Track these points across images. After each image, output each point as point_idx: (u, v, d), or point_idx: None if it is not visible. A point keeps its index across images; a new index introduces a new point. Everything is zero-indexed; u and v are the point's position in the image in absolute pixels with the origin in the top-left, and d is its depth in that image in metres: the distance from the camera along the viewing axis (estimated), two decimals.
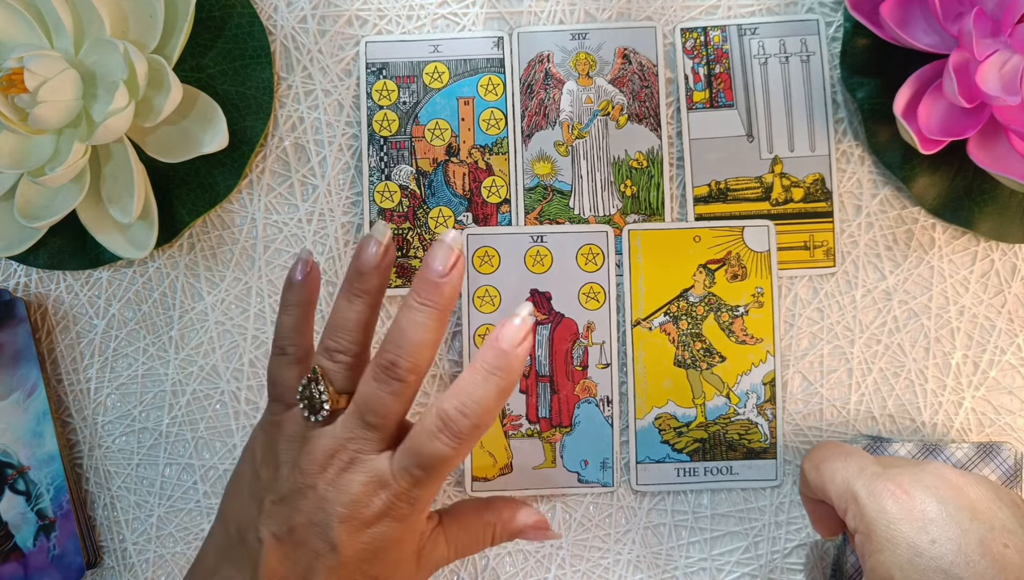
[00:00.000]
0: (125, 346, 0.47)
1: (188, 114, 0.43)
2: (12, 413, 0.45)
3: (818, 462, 0.37)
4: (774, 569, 0.45)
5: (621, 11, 0.46)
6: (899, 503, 0.33)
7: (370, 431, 0.34)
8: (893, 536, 0.32)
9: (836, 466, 0.36)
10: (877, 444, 0.43)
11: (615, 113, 0.46)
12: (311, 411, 0.35)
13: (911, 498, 0.33)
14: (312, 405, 0.35)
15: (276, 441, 0.36)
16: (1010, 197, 0.44)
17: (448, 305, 0.35)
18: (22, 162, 0.42)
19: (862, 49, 0.44)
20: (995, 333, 0.45)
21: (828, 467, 0.36)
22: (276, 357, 0.37)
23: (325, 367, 0.35)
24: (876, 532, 0.33)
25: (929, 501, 0.33)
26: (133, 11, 0.42)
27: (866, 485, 0.34)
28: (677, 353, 0.45)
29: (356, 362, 0.36)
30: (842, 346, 0.45)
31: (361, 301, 0.36)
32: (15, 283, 0.47)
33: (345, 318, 0.36)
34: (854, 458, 0.36)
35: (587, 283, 0.45)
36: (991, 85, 0.39)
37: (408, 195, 0.46)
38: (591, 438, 0.45)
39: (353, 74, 0.46)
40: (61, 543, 0.45)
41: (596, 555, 0.45)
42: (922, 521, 0.32)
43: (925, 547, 0.32)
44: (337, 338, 0.36)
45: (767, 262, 0.45)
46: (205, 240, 0.46)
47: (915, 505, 0.33)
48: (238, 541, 0.35)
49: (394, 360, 0.34)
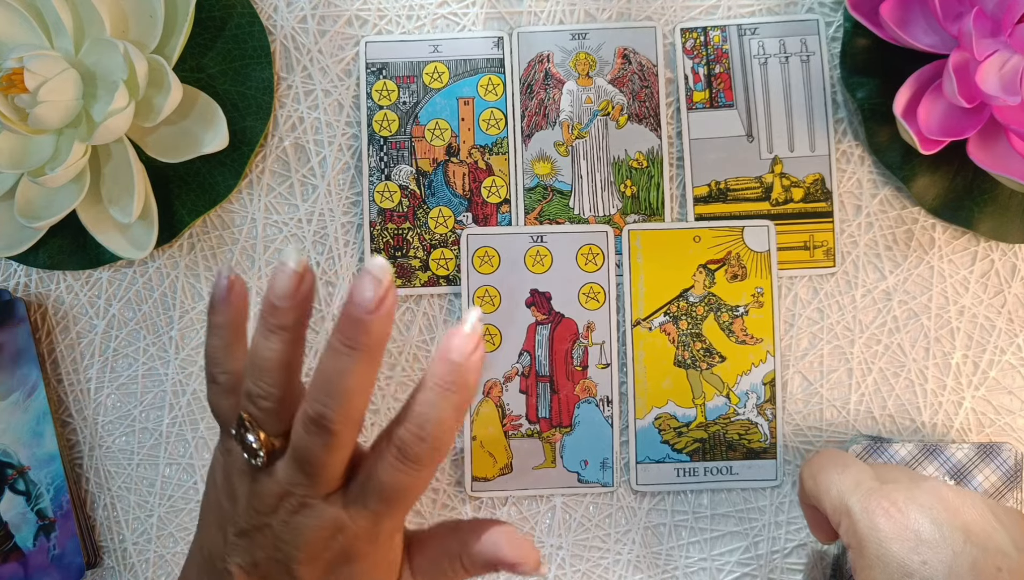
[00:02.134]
0: (125, 346, 0.47)
1: (188, 114, 0.43)
2: (12, 413, 0.45)
3: (815, 471, 0.36)
4: (774, 569, 0.45)
5: (621, 11, 0.46)
6: (892, 521, 0.32)
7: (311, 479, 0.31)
8: (884, 554, 0.32)
9: (832, 478, 0.35)
10: (877, 444, 0.43)
11: (615, 113, 0.46)
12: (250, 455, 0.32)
13: (904, 516, 0.32)
14: (248, 450, 0.32)
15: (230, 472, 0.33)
16: (1010, 197, 0.44)
17: (378, 346, 0.30)
18: (22, 162, 0.42)
19: (862, 49, 0.44)
20: (995, 333, 0.45)
21: (824, 478, 0.36)
22: (209, 385, 0.34)
23: (251, 413, 0.32)
24: (867, 549, 0.32)
25: (922, 520, 0.32)
26: (133, 11, 0.42)
27: (860, 500, 0.33)
28: (677, 353, 0.45)
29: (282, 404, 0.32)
30: (842, 346, 0.45)
31: (278, 338, 0.31)
32: (15, 283, 0.47)
33: (263, 358, 0.31)
34: (851, 470, 0.35)
35: (587, 283, 0.45)
36: (991, 85, 0.39)
37: (408, 195, 0.46)
38: (591, 438, 0.45)
39: (353, 74, 0.46)
40: (61, 543, 0.45)
41: (596, 555, 0.45)
42: (914, 541, 0.31)
43: (916, 568, 0.31)
44: (258, 382, 0.31)
45: (767, 262, 0.45)
46: (205, 240, 0.46)
47: (908, 524, 0.32)
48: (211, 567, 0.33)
49: (322, 412, 0.30)
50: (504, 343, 0.45)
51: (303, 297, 0.31)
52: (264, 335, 0.31)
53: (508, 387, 0.45)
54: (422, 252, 0.46)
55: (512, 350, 0.45)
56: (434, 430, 0.30)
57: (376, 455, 0.31)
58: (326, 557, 0.31)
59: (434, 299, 0.46)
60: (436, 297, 0.46)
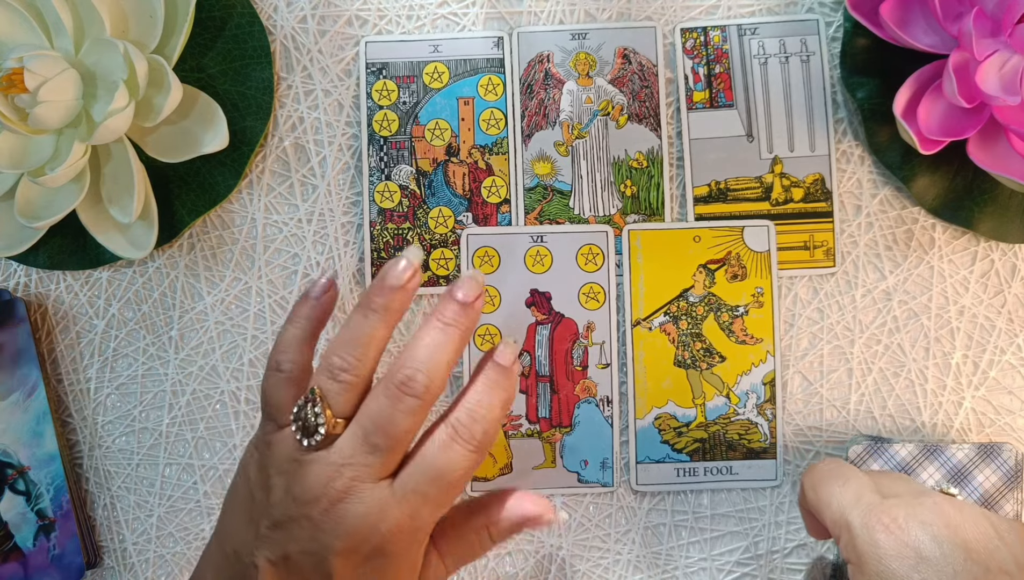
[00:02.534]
0: (125, 346, 0.47)
1: (188, 114, 0.43)
2: (12, 413, 0.45)
3: (816, 482, 0.36)
4: (774, 569, 0.45)
5: (621, 11, 0.46)
6: (892, 537, 0.32)
7: (373, 456, 0.32)
8: (883, 572, 0.31)
9: (833, 491, 0.35)
10: (877, 444, 0.43)
11: (615, 113, 0.46)
12: (305, 434, 0.32)
13: (905, 533, 0.32)
14: (306, 428, 0.32)
15: (268, 463, 0.33)
16: (1010, 197, 0.44)
17: (471, 329, 0.34)
18: (22, 162, 0.42)
19: (862, 49, 0.44)
20: (995, 333, 0.45)
21: (825, 490, 0.35)
22: (272, 372, 0.35)
23: (325, 388, 0.33)
24: (867, 566, 0.32)
25: (923, 537, 0.31)
26: (133, 11, 0.42)
27: (860, 516, 0.33)
28: (677, 353, 0.45)
29: (360, 384, 0.33)
30: (842, 346, 0.45)
31: (379, 317, 0.33)
32: (15, 283, 0.47)
33: (359, 333, 0.33)
34: (852, 484, 0.35)
35: (587, 283, 0.45)
36: (991, 85, 0.39)
37: (408, 195, 0.46)
38: (591, 438, 0.45)
39: (353, 74, 0.46)
40: (61, 543, 0.45)
41: (596, 555, 0.45)
42: (914, 559, 0.31)
43: None
44: (344, 354, 0.33)
45: (767, 262, 0.45)
46: (205, 240, 0.46)
47: (908, 541, 0.31)
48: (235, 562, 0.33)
49: (412, 374, 0.32)
50: None
51: (411, 289, 0.34)
52: (364, 314, 0.34)
53: None
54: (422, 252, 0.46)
55: None
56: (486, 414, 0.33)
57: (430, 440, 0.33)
58: (364, 550, 0.32)
59: (434, 299, 0.46)
60: (436, 297, 0.46)
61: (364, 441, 0.32)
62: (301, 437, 0.32)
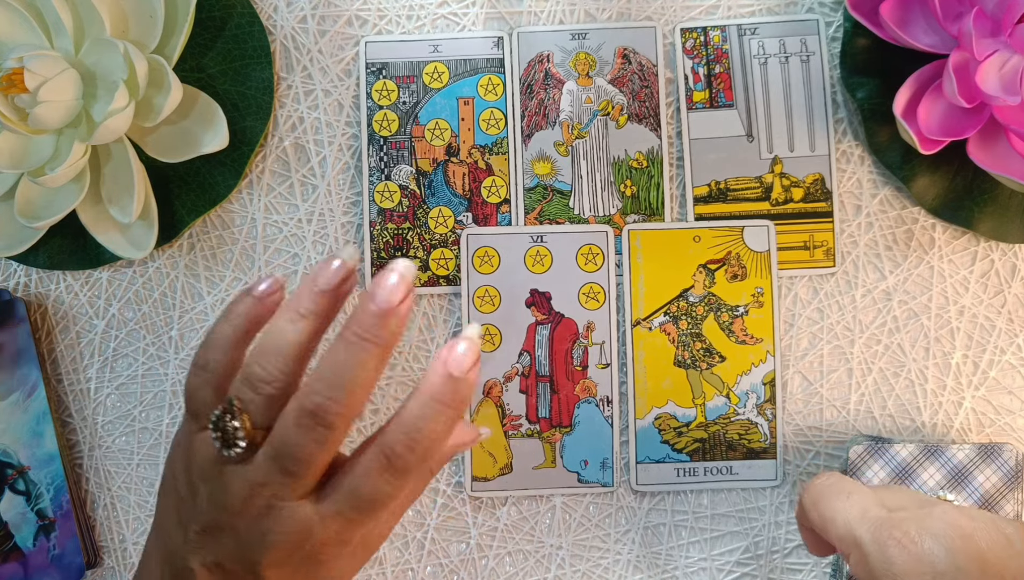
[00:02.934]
0: (125, 346, 0.47)
1: (188, 114, 0.43)
2: (12, 413, 0.45)
3: (816, 498, 0.35)
4: (774, 569, 0.45)
5: (621, 11, 0.46)
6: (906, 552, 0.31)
7: (288, 478, 0.30)
8: None
9: (837, 506, 0.34)
10: (877, 445, 0.43)
11: (615, 113, 0.46)
12: (224, 446, 0.30)
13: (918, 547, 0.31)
14: (225, 439, 0.30)
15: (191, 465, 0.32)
16: (1010, 197, 0.44)
17: (393, 342, 0.30)
18: (22, 162, 0.42)
19: (862, 49, 0.44)
20: (995, 333, 0.45)
21: (828, 506, 0.34)
22: (197, 370, 0.32)
23: (244, 399, 0.30)
24: None
25: (937, 551, 0.31)
26: (133, 11, 0.42)
27: (870, 531, 0.32)
28: (677, 353, 0.45)
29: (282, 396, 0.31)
30: (842, 346, 0.45)
31: (307, 323, 0.31)
32: (15, 283, 0.47)
33: (283, 341, 0.30)
34: (856, 498, 0.34)
35: (587, 283, 0.45)
36: (991, 85, 0.39)
37: (408, 195, 0.46)
38: (591, 438, 0.45)
39: (353, 74, 0.46)
40: (61, 543, 0.45)
41: (596, 555, 0.45)
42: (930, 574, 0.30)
43: None
44: (266, 364, 0.30)
45: (767, 262, 0.45)
46: (205, 240, 0.46)
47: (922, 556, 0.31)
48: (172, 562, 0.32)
49: (323, 404, 0.29)
50: (504, 343, 0.45)
51: (343, 293, 0.31)
52: (291, 319, 0.31)
53: (508, 387, 0.45)
54: (422, 252, 0.46)
55: (512, 350, 0.45)
56: (425, 442, 0.30)
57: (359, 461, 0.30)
58: (293, 559, 0.31)
59: (434, 299, 0.46)
60: (436, 297, 0.46)
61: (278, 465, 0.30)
62: (221, 447, 0.30)
